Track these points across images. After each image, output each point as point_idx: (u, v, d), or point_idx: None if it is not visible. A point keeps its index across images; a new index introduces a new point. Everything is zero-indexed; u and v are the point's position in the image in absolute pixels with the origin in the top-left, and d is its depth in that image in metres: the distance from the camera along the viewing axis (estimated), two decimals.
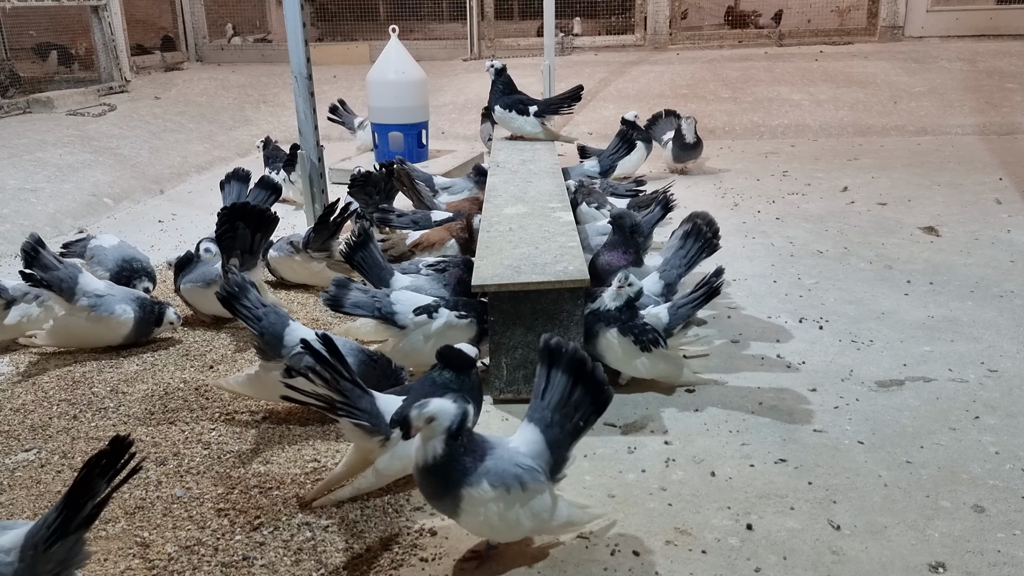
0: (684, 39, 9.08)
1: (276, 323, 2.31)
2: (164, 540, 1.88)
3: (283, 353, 2.28)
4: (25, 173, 4.82)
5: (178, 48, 9.60)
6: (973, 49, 7.78)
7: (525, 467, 1.66)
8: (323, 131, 4.45)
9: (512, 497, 1.64)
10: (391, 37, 5.29)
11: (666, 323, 2.52)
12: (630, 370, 2.50)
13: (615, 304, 2.45)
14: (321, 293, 2.65)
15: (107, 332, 2.86)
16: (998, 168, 5.15)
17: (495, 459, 1.65)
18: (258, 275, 3.05)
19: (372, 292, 2.65)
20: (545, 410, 1.72)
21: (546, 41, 6.76)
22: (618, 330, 2.44)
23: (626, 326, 2.44)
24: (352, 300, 2.57)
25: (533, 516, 1.68)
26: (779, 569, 1.75)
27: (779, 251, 3.77)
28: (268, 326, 2.30)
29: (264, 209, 2.98)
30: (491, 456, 1.66)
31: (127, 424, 2.41)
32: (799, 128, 6.46)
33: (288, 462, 2.19)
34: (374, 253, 2.81)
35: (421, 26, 10.48)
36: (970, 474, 2.06)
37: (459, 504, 1.64)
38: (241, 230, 2.90)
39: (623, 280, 2.44)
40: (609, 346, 2.45)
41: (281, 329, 2.30)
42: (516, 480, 1.64)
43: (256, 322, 2.31)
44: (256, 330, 2.31)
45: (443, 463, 1.61)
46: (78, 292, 2.80)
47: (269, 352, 2.31)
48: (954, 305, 3.10)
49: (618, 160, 4.55)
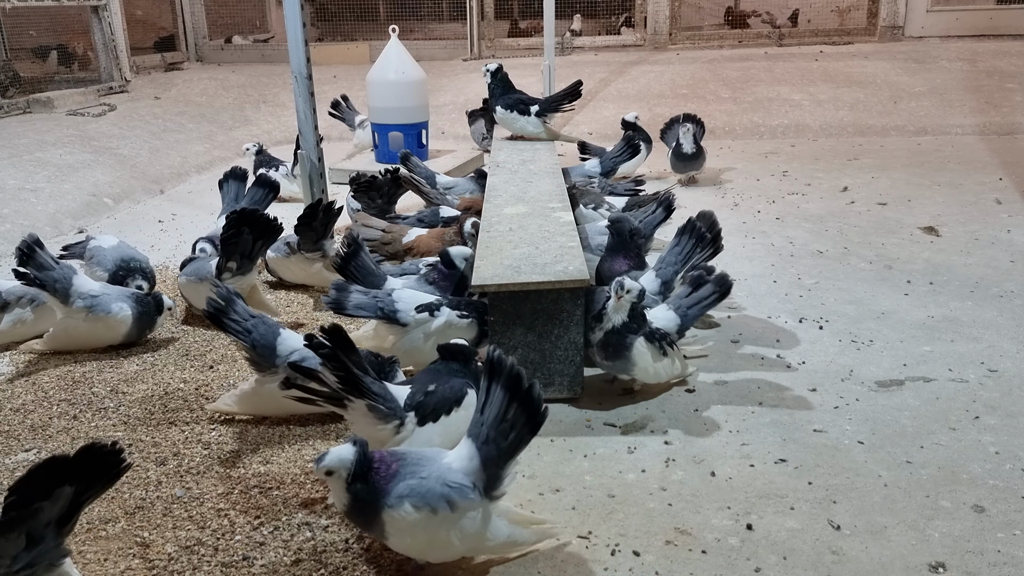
0: (684, 39, 9.08)
1: (267, 333, 2.29)
2: (164, 540, 1.88)
3: (277, 363, 2.27)
4: (25, 173, 4.82)
5: (178, 48, 9.60)
6: (973, 49, 7.78)
7: (455, 485, 1.61)
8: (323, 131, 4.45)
9: (440, 518, 1.60)
10: (391, 37, 5.29)
11: (679, 325, 2.53)
12: (651, 377, 2.44)
13: (621, 317, 2.34)
14: (323, 297, 2.65)
15: (107, 331, 2.85)
16: (998, 168, 5.15)
17: (421, 479, 1.62)
18: (252, 278, 3.04)
19: (373, 292, 2.65)
20: (482, 426, 1.66)
21: (546, 41, 6.75)
22: (644, 339, 2.36)
23: (650, 334, 2.39)
24: (354, 302, 2.57)
25: (465, 536, 1.64)
26: (779, 569, 1.75)
27: (779, 251, 3.77)
28: (259, 337, 2.28)
29: (272, 219, 2.97)
30: (416, 476, 1.62)
31: (127, 424, 2.41)
32: (799, 128, 6.46)
33: (288, 462, 2.19)
34: (366, 261, 2.81)
35: (421, 26, 10.48)
36: (970, 474, 2.06)
37: (384, 528, 1.62)
38: (245, 235, 2.89)
39: (619, 290, 2.31)
40: (641, 357, 2.36)
41: (273, 339, 2.29)
42: (443, 500, 1.60)
43: (247, 335, 2.28)
44: (247, 343, 2.28)
45: (356, 502, 1.61)
46: (73, 294, 2.79)
47: (263, 363, 2.30)
48: (954, 305, 3.10)
49: (620, 163, 4.56)
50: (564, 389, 2.46)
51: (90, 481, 1.48)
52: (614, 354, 2.38)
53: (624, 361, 2.38)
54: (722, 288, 2.63)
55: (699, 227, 2.84)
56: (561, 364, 2.43)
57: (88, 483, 1.48)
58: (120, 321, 2.84)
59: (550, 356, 2.42)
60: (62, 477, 1.43)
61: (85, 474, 1.46)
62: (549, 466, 2.15)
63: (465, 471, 1.64)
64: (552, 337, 2.41)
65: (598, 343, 2.40)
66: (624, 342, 2.35)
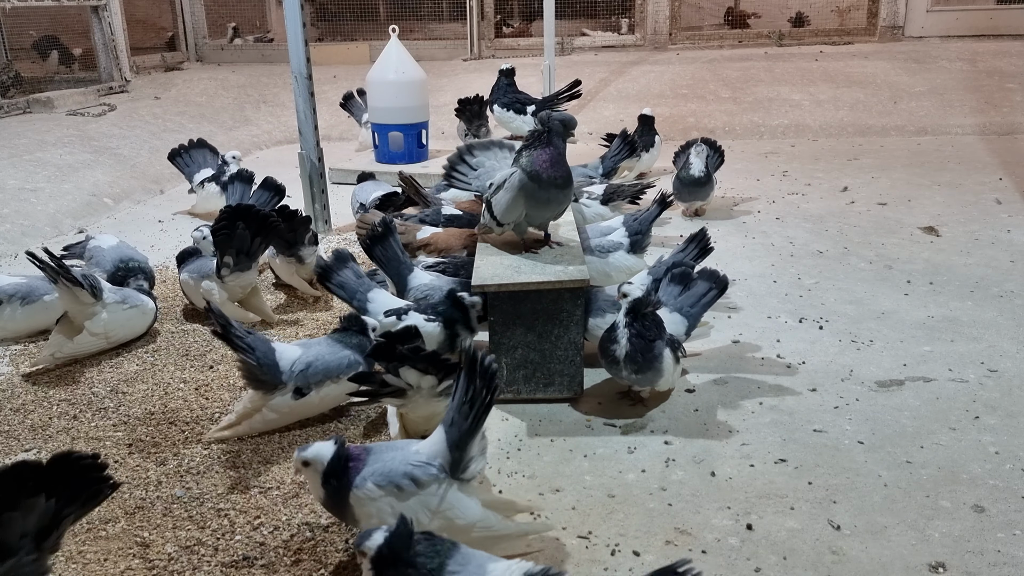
0: (684, 39, 9.07)
1: (267, 349, 2.26)
2: (164, 540, 1.88)
3: (284, 378, 2.24)
4: (25, 173, 4.82)
5: (178, 48, 9.60)
6: (973, 49, 7.78)
7: (418, 464, 1.69)
8: (323, 130, 4.45)
9: (405, 494, 1.67)
10: (391, 37, 5.29)
11: (687, 326, 2.54)
12: (669, 384, 2.40)
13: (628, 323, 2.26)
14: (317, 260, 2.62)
15: (141, 320, 2.93)
16: (998, 168, 5.15)
17: (384, 463, 1.70)
18: (252, 277, 3.04)
19: (364, 279, 2.63)
20: (450, 410, 1.72)
21: (546, 41, 6.76)
22: (669, 349, 2.31)
23: (671, 342, 2.34)
24: (341, 279, 2.55)
25: (433, 512, 1.68)
26: (779, 569, 1.75)
27: (779, 251, 3.78)
28: (262, 355, 2.23)
29: (268, 214, 2.97)
30: (381, 461, 1.71)
31: (127, 424, 2.41)
32: (799, 128, 6.46)
33: (288, 462, 2.19)
34: (394, 247, 2.78)
35: (421, 26, 10.48)
36: (970, 474, 2.06)
37: (353, 512, 1.68)
38: (240, 230, 2.89)
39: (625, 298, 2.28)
40: (668, 366, 2.30)
41: (273, 354, 2.26)
42: (406, 477, 1.67)
43: (251, 352, 2.20)
44: (254, 361, 2.21)
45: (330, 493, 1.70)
46: (105, 288, 2.84)
47: (270, 382, 2.25)
48: (954, 305, 3.10)
49: (620, 162, 4.54)
50: (564, 389, 2.46)
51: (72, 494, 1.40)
52: (645, 366, 2.27)
53: (654, 372, 2.29)
54: (719, 284, 2.64)
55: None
56: (561, 364, 2.43)
57: (69, 496, 1.40)
58: (150, 310, 2.95)
59: (550, 356, 2.42)
60: (36, 486, 1.34)
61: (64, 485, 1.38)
62: (549, 466, 2.15)
63: (430, 454, 1.71)
64: (552, 337, 2.41)
65: (625, 358, 2.26)
66: (653, 352, 2.26)
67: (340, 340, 2.37)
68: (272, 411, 2.27)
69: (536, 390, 2.45)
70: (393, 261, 2.78)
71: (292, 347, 2.33)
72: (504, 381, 2.45)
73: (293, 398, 2.25)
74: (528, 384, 2.45)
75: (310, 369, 2.27)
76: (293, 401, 2.26)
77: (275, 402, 2.26)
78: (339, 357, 2.32)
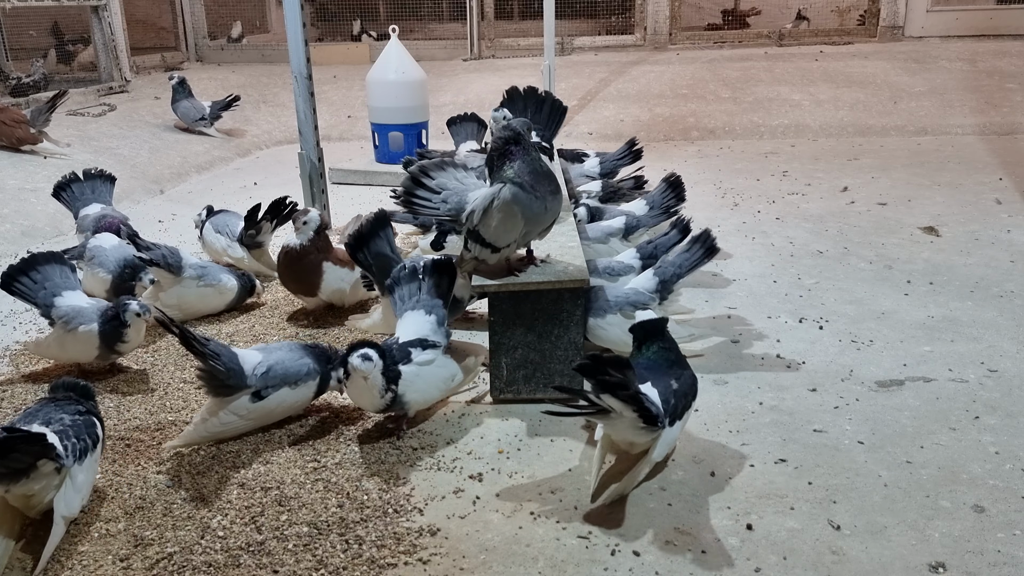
0: (684, 39, 9.08)
1: (231, 355, 2.25)
2: (164, 540, 1.88)
3: (249, 382, 2.25)
4: (25, 173, 4.82)
5: (178, 48, 9.60)
6: (973, 49, 7.78)
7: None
8: (323, 131, 4.45)
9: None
10: (391, 37, 5.29)
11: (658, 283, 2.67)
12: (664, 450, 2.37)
13: None
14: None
15: (216, 297, 3.15)
16: (998, 168, 5.15)
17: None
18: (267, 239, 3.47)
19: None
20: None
21: (546, 41, 6.76)
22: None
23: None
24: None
25: None
26: (779, 569, 1.75)
27: (779, 251, 3.78)
28: (228, 360, 2.23)
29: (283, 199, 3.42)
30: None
31: (127, 424, 2.41)
32: (799, 128, 6.46)
33: (288, 462, 2.19)
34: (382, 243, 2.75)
35: (421, 26, 10.49)
36: (970, 474, 2.06)
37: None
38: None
39: None
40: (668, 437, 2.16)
41: (236, 359, 2.26)
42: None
43: (218, 358, 2.20)
44: (222, 367, 2.20)
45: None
46: (184, 265, 3.07)
47: (235, 387, 2.25)
48: (954, 305, 3.10)
49: (621, 166, 4.54)
50: None
51: None
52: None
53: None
54: (706, 245, 2.65)
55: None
56: (561, 364, 2.43)
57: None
58: (229, 289, 3.17)
59: (550, 356, 2.42)
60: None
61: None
62: (549, 466, 2.15)
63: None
64: (552, 337, 2.41)
65: None
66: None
67: (302, 347, 2.37)
68: (231, 413, 2.25)
69: (536, 390, 2.45)
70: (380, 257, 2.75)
71: (252, 352, 2.32)
72: (504, 381, 2.45)
73: (251, 400, 2.25)
74: (528, 384, 2.45)
75: (270, 372, 2.27)
76: (251, 404, 2.25)
77: (234, 404, 2.25)
78: (299, 364, 2.32)
